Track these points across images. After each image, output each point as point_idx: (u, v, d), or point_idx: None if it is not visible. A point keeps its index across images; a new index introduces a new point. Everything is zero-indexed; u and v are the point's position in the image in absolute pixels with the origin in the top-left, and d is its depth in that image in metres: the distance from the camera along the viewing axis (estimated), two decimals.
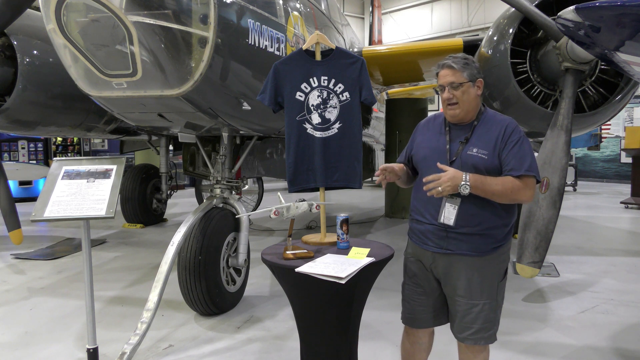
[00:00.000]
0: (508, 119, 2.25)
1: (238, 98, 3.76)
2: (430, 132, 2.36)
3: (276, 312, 4.09)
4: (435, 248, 2.24)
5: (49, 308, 4.27)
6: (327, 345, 2.33)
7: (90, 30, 3.03)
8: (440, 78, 2.23)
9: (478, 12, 19.65)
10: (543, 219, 3.09)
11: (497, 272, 2.24)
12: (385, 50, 6.97)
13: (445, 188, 2.04)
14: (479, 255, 2.18)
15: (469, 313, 2.21)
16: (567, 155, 3.22)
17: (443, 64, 2.24)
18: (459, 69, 2.19)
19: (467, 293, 2.21)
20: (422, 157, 2.32)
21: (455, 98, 2.19)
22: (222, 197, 4.43)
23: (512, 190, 2.08)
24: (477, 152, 2.16)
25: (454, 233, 2.19)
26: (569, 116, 3.26)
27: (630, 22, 1.84)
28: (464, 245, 2.18)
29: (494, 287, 2.23)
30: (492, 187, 2.08)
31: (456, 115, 2.22)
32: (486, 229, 2.17)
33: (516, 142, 2.14)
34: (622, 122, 14.56)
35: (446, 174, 2.06)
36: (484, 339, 2.23)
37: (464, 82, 2.19)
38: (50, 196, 2.97)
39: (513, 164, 2.11)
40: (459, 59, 2.22)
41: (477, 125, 2.23)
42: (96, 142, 14.29)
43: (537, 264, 3.08)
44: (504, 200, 2.13)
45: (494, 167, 2.14)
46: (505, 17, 4.09)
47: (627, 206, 10.15)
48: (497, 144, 2.15)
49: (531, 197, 2.17)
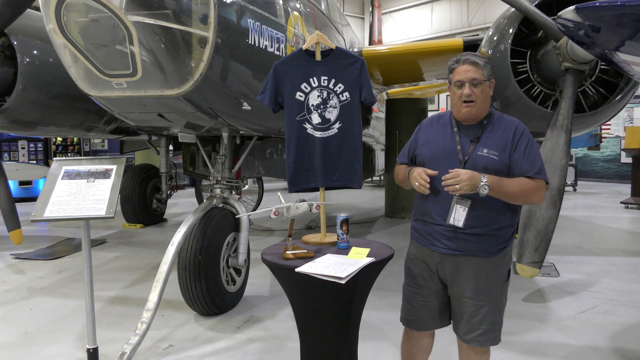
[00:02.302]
0: (516, 120, 2.24)
1: (238, 98, 3.76)
2: (436, 131, 2.31)
3: (276, 312, 4.09)
4: (443, 249, 2.21)
5: (49, 308, 4.27)
6: (327, 345, 2.33)
7: (90, 30, 3.03)
8: (460, 73, 2.16)
9: (478, 12, 19.65)
10: (543, 219, 3.09)
11: (503, 274, 2.25)
12: (385, 50, 6.97)
13: (464, 187, 2.01)
14: (487, 256, 2.18)
15: (477, 314, 2.20)
16: (567, 155, 3.22)
17: (464, 59, 2.17)
18: (482, 67, 2.14)
19: (475, 294, 2.19)
20: (429, 157, 2.26)
21: (474, 95, 2.13)
22: (222, 197, 4.43)
23: (528, 192, 2.09)
24: (487, 152, 2.13)
25: (462, 234, 2.16)
26: (569, 116, 3.26)
27: (630, 22, 1.84)
28: (472, 245, 2.17)
29: (499, 289, 2.23)
30: (508, 188, 2.06)
31: (472, 113, 2.17)
32: (495, 230, 2.17)
33: (527, 145, 2.13)
34: (622, 122, 14.56)
35: (466, 173, 2.02)
36: (490, 341, 2.23)
37: (485, 80, 2.15)
38: (50, 196, 2.97)
39: (525, 166, 2.11)
40: (480, 57, 2.16)
41: (486, 124, 2.20)
42: (96, 142, 14.29)
43: (537, 264, 3.08)
44: (517, 201, 2.13)
45: (503, 168, 2.13)
46: (505, 17, 4.09)
47: (627, 206, 10.15)
48: (507, 145, 2.13)
49: (542, 199, 2.17)
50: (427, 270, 2.31)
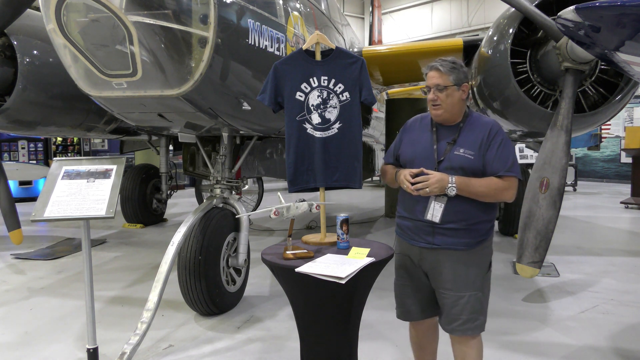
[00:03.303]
0: (492, 121, 2.38)
1: (238, 98, 3.76)
2: (417, 131, 2.46)
3: (276, 312, 4.09)
4: (422, 243, 2.34)
5: (49, 308, 4.27)
6: (327, 345, 2.34)
7: (90, 30, 3.03)
8: (428, 79, 2.34)
9: (478, 12, 19.67)
10: (543, 219, 3.08)
11: (482, 265, 2.35)
12: (385, 50, 6.97)
13: (433, 189, 2.19)
14: (465, 249, 2.29)
15: (456, 305, 2.30)
16: (567, 155, 3.21)
17: (431, 66, 2.34)
18: (446, 72, 2.29)
19: (454, 285, 2.31)
20: (410, 157, 2.41)
21: (439, 100, 2.30)
22: (222, 197, 4.43)
23: (496, 191, 2.24)
24: (464, 152, 2.27)
25: (440, 229, 2.28)
26: (569, 116, 3.25)
27: (630, 22, 1.84)
28: (450, 239, 2.28)
29: (480, 279, 2.34)
30: (476, 188, 2.21)
31: (439, 115, 2.33)
32: (471, 224, 2.28)
33: (500, 144, 2.27)
34: (622, 122, 14.56)
35: (434, 176, 2.20)
36: (471, 330, 2.32)
37: (449, 85, 2.29)
38: (50, 196, 2.97)
39: (496, 165, 2.25)
40: (447, 63, 2.31)
41: (462, 126, 2.34)
42: (96, 142, 14.30)
43: (537, 264, 3.08)
44: (488, 199, 2.27)
45: (479, 167, 2.26)
46: (505, 17, 4.09)
47: (627, 206, 10.15)
48: (482, 144, 2.26)
49: (513, 196, 2.29)
50: (412, 264, 2.43)
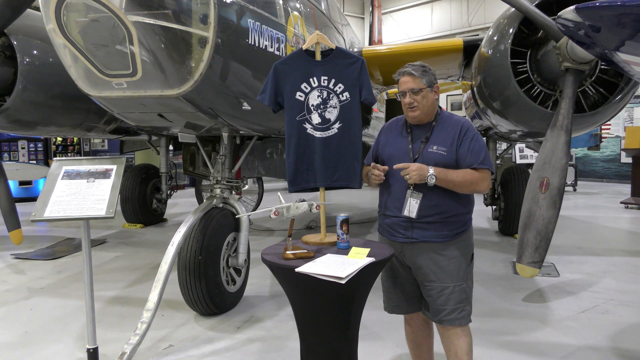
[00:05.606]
0: (463, 118, 2.50)
1: (238, 98, 3.76)
2: (393, 133, 2.59)
3: (276, 312, 4.10)
4: (402, 238, 2.44)
5: (49, 308, 4.27)
6: (327, 345, 2.33)
7: (90, 30, 3.03)
8: (401, 84, 2.45)
9: (478, 12, 19.66)
10: (543, 219, 3.09)
11: (464, 256, 2.44)
12: (385, 50, 6.97)
13: (412, 176, 2.29)
14: (443, 241, 2.39)
15: (441, 295, 2.39)
16: (567, 155, 3.22)
17: (403, 71, 2.45)
18: (419, 76, 2.41)
19: (437, 277, 2.40)
20: (387, 157, 2.53)
21: (416, 102, 2.41)
22: (222, 197, 4.43)
23: (472, 181, 2.34)
24: (437, 149, 2.39)
25: (417, 223, 2.40)
26: (569, 116, 3.25)
27: (630, 22, 1.84)
28: (427, 233, 2.39)
29: (462, 271, 2.42)
30: (454, 178, 2.32)
31: (416, 117, 2.45)
32: (447, 217, 2.39)
33: (471, 139, 2.39)
34: (622, 122, 14.55)
35: (414, 164, 2.32)
36: (458, 320, 2.40)
37: (423, 87, 2.42)
38: (50, 196, 2.97)
39: (469, 159, 2.37)
40: (418, 67, 2.44)
41: (435, 125, 2.47)
42: (96, 142, 14.30)
43: (537, 264, 3.08)
44: (464, 190, 2.38)
45: (452, 162, 2.38)
46: (505, 17, 4.10)
47: (627, 206, 10.15)
48: (454, 141, 2.39)
49: (487, 187, 2.42)
50: (395, 260, 2.52)
